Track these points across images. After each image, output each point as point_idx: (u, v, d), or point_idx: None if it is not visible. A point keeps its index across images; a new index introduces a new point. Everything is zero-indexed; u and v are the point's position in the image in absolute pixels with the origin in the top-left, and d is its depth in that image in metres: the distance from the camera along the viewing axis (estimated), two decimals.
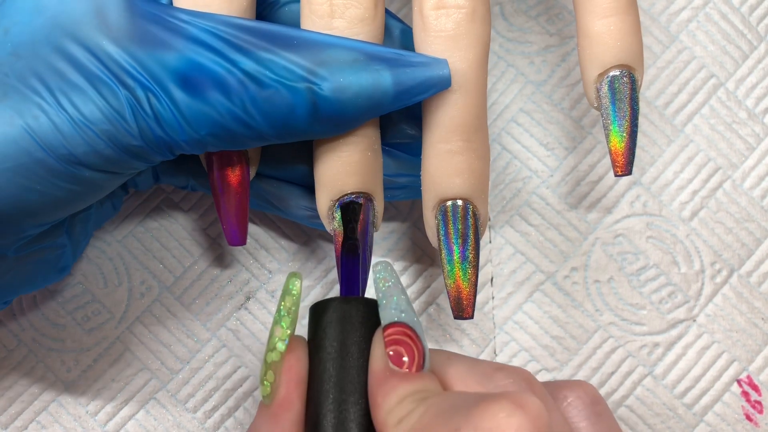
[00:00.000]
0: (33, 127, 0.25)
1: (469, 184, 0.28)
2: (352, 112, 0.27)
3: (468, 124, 0.28)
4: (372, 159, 0.29)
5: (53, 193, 0.26)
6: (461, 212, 0.29)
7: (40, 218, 0.27)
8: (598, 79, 0.29)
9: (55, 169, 0.25)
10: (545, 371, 0.36)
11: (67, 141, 0.25)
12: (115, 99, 0.25)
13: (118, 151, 0.26)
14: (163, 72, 0.25)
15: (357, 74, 0.26)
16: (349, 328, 0.26)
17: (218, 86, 0.26)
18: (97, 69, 0.25)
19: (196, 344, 0.36)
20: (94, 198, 0.28)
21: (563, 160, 0.38)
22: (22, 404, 0.35)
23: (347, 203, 0.29)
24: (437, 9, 0.28)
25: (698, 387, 0.36)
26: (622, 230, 0.37)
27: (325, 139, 0.29)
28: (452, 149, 0.28)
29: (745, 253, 0.37)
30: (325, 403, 0.26)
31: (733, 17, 0.39)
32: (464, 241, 0.29)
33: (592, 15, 0.29)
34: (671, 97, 0.38)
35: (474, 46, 0.28)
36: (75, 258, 0.33)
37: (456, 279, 0.29)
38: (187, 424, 0.35)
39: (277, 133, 0.27)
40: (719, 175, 0.38)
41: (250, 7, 0.28)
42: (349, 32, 0.27)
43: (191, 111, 0.26)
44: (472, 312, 0.29)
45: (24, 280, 0.30)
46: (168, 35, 0.26)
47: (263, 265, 0.37)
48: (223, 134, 0.26)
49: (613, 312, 0.37)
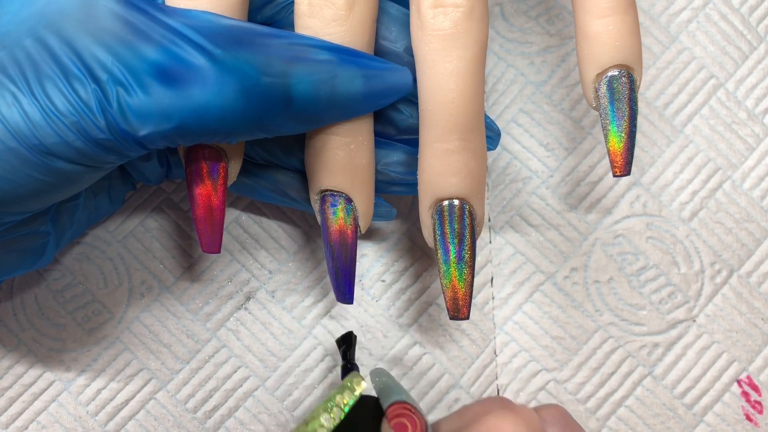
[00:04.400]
0: (6, 115, 0.25)
1: (465, 183, 0.29)
2: (323, 111, 0.28)
3: (465, 123, 0.28)
4: (345, 158, 0.29)
5: (26, 183, 0.26)
6: (457, 212, 0.29)
7: (16, 207, 0.27)
8: (597, 79, 0.29)
9: (27, 159, 0.26)
10: (545, 371, 0.36)
11: (38, 131, 0.25)
12: (84, 92, 0.25)
13: (89, 144, 0.26)
14: (140, 64, 0.26)
15: (330, 75, 0.27)
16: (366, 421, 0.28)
17: (195, 79, 0.26)
18: (70, 62, 0.25)
19: (196, 344, 0.36)
20: (73, 190, 0.28)
21: (563, 160, 0.38)
22: (22, 404, 0.35)
23: (345, 335, 0.32)
24: (435, 8, 0.28)
25: (698, 387, 0.36)
26: (622, 231, 0.37)
27: (310, 133, 0.30)
28: (449, 148, 0.28)
29: (745, 254, 0.37)
30: None
31: (732, 18, 0.39)
32: (460, 241, 0.29)
33: (590, 15, 0.29)
34: (671, 98, 0.38)
35: (472, 45, 0.28)
36: (59, 246, 0.33)
37: (452, 279, 0.29)
38: (187, 424, 0.35)
39: (250, 127, 0.27)
40: (719, 176, 0.38)
41: (240, 4, 0.28)
42: (322, 32, 0.28)
43: (164, 102, 0.26)
44: (467, 313, 0.29)
45: (5, 265, 0.30)
46: (149, 27, 0.26)
47: (263, 265, 0.37)
48: (194, 127, 0.26)
49: (613, 312, 0.37)
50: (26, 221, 0.29)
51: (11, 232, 0.29)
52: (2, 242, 0.29)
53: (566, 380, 0.36)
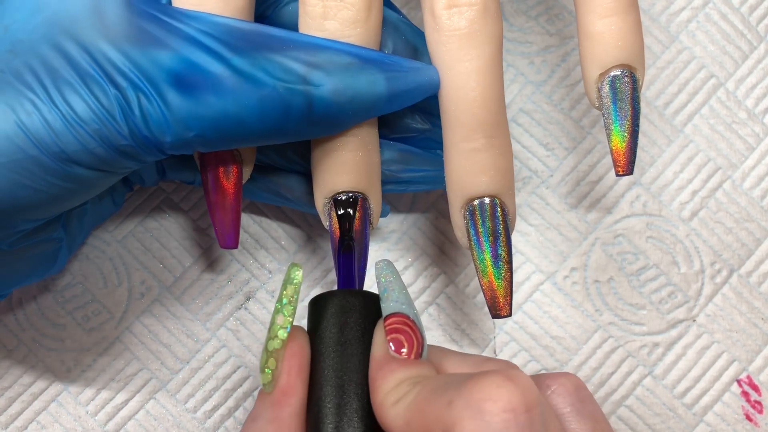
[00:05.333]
0: (26, 123, 0.25)
1: (495, 181, 0.28)
2: (345, 115, 0.27)
3: (489, 121, 0.28)
4: (365, 158, 0.29)
5: (46, 190, 0.26)
6: (489, 210, 0.29)
7: (33, 214, 0.27)
8: (599, 79, 0.29)
9: (48, 166, 0.25)
10: (545, 371, 0.36)
11: (59, 139, 0.25)
12: (105, 98, 0.25)
13: (110, 151, 0.26)
14: (157, 71, 0.25)
15: (353, 78, 0.26)
16: (350, 319, 0.27)
17: (213, 87, 0.25)
18: (90, 67, 0.25)
19: (196, 344, 0.36)
20: (88, 195, 0.28)
21: (563, 160, 0.38)
22: (22, 404, 0.35)
23: (343, 202, 0.29)
24: (449, 8, 0.27)
25: (698, 387, 0.36)
26: (621, 230, 0.37)
27: (320, 138, 0.29)
28: (475, 147, 0.28)
29: (745, 253, 0.37)
30: (327, 390, 0.26)
31: (732, 17, 0.39)
32: (495, 238, 0.29)
33: (593, 15, 0.29)
34: (671, 98, 0.38)
35: (489, 43, 0.28)
36: (71, 252, 0.33)
37: (490, 278, 0.29)
38: (187, 424, 0.35)
39: (270, 135, 0.27)
40: (719, 176, 0.38)
41: (248, 7, 0.28)
42: (341, 34, 0.28)
43: (182, 111, 0.25)
44: (509, 310, 0.29)
45: (19, 273, 0.30)
46: (164, 34, 0.26)
47: (263, 265, 0.37)
48: (213, 135, 0.26)
49: (612, 312, 0.37)
50: (40, 228, 0.29)
51: (25, 240, 0.29)
52: (16, 250, 0.29)
53: None
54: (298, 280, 0.28)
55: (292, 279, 0.28)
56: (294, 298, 0.27)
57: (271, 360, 0.27)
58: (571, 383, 0.28)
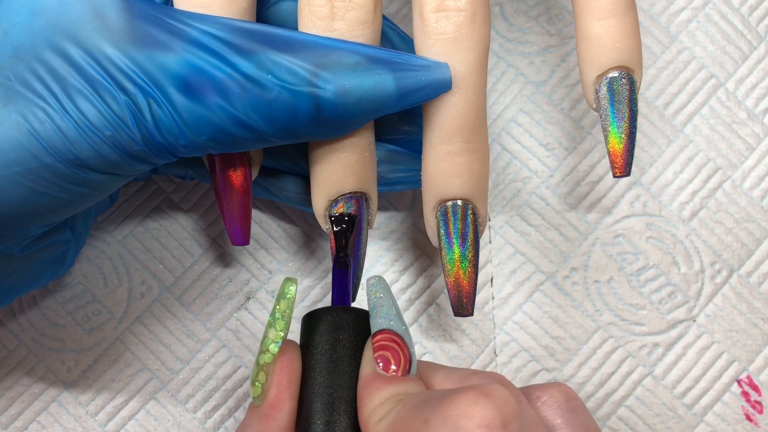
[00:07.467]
0: (39, 131, 0.25)
1: (468, 184, 0.29)
2: (354, 116, 0.27)
3: (468, 125, 0.28)
4: (369, 159, 0.29)
5: (60, 195, 0.26)
6: (461, 212, 0.29)
7: (47, 219, 0.27)
8: (597, 80, 0.29)
9: (62, 172, 0.25)
10: (545, 371, 0.36)
11: (73, 146, 0.25)
12: (116, 105, 0.25)
13: (123, 155, 0.26)
14: (163, 76, 0.25)
15: (360, 78, 0.26)
16: (342, 336, 0.27)
17: (219, 90, 0.25)
18: (96, 73, 0.25)
19: (196, 344, 0.36)
20: (99, 197, 0.28)
21: (563, 160, 0.38)
22: (22, 404, 0.35)
23: (340, 216, 0.29)
24: (438, 12, 0.27)
25: (698, 387, 0.36)
26: (621, 230, 0.37)
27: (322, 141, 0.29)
28: (452, 150, 0.28)
29: (745, 254, 0.37)
30: (317, 407, 0.26)
31: (732, 17, 0.39)
32: (464, 240, 0.29)
33: (590, 16, 0.29)
34: (671, 98, 0.38)
35: (474, 49, 0.28)
36: (78, 251, 0.33)
37: (456, 277, 0.29)
38: (187, 424, 0.35)
39: (279, 136, 0.27)
40: (719, 176, 0.38)
41: (250, 7, 0.28)
42: (349, 35, 0.27)
43: (192, 116, 0.25)
44: (471, 309, 0.30)
45: (31, 276, 0.30)
46: (167, 37, 0.25)
47: (263, 265, 0.37)
48: (224, 138, 0.26)
49: (613, 312, 0.37)
50: (50, 231, 0.29)
51: (36, 244, 0.29)
52: (27, 255, 0.29)
53: (566, 380, 0.36)
54: (291, 296, 0.28)
55: (286, 294, 0.28)
56: (287, 313, 0.28)
57: (261, 374, 0.27)
58: (561, 394, 0.28)
